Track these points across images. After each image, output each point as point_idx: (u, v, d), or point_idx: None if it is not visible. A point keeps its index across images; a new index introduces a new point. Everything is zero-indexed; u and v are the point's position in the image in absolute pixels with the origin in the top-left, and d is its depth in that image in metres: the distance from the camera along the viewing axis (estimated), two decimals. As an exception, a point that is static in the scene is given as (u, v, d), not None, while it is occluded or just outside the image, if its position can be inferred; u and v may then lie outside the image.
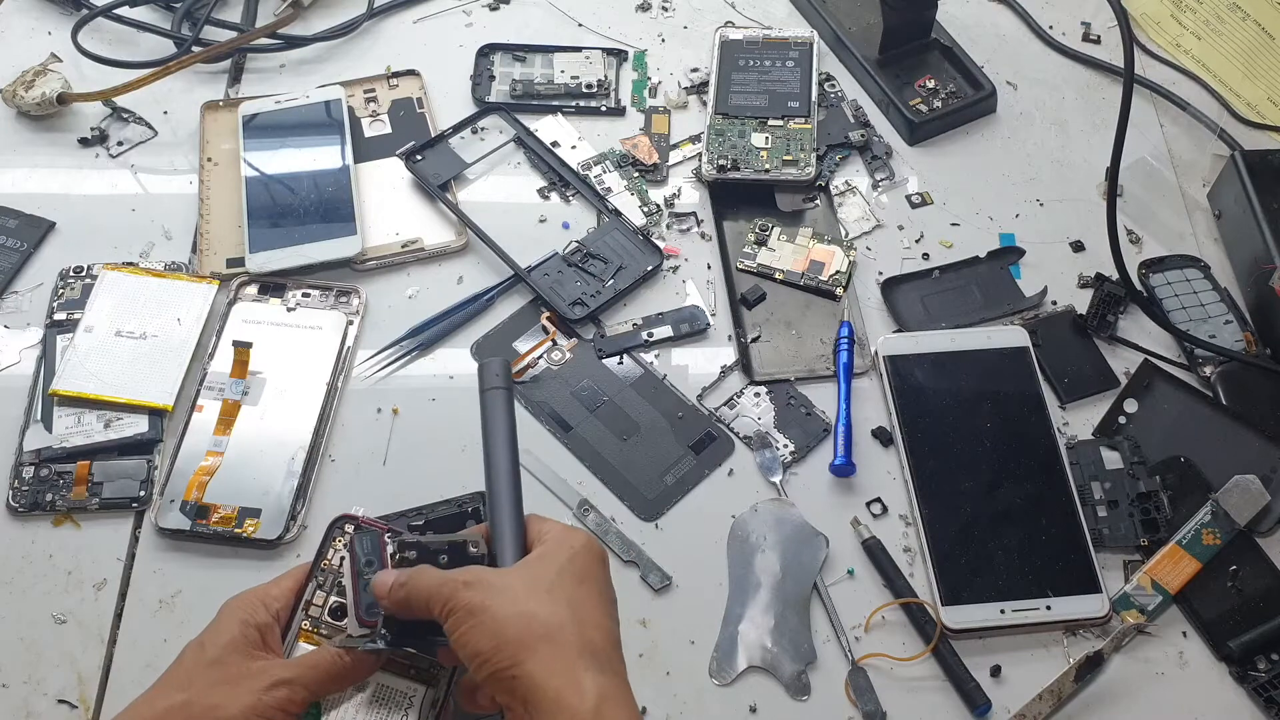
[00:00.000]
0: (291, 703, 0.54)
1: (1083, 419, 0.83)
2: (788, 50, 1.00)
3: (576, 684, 0.51)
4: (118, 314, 0.83)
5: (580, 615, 0.54)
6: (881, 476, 0.80)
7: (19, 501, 0.76)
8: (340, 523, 0.59)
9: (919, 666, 0.73)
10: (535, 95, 0.98)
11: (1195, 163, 0.97)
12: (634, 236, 0.90)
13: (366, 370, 0.84)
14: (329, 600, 0.58)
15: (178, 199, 0.91)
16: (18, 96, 0.93)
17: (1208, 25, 1.04)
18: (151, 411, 0.79)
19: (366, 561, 0.60)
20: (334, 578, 0.58)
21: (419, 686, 0.58)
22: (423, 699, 0.58)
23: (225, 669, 0.55)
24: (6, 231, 0.88)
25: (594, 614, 0.55)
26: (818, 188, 0.93)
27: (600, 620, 0.55)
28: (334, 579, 0.58)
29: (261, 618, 0.57)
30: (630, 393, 0.83)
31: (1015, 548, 0.76)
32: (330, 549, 0.59)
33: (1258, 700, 0.72)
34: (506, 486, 0.59)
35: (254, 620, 0.56)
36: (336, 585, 0.58)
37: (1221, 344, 0.85)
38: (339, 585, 0.58)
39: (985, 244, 0.91)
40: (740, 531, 0.77)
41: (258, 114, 0.94)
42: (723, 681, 0.72)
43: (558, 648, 0.52)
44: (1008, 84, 1.01)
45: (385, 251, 0.88)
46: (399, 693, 0.57)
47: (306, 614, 0.57)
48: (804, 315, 0.87)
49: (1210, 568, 0.75)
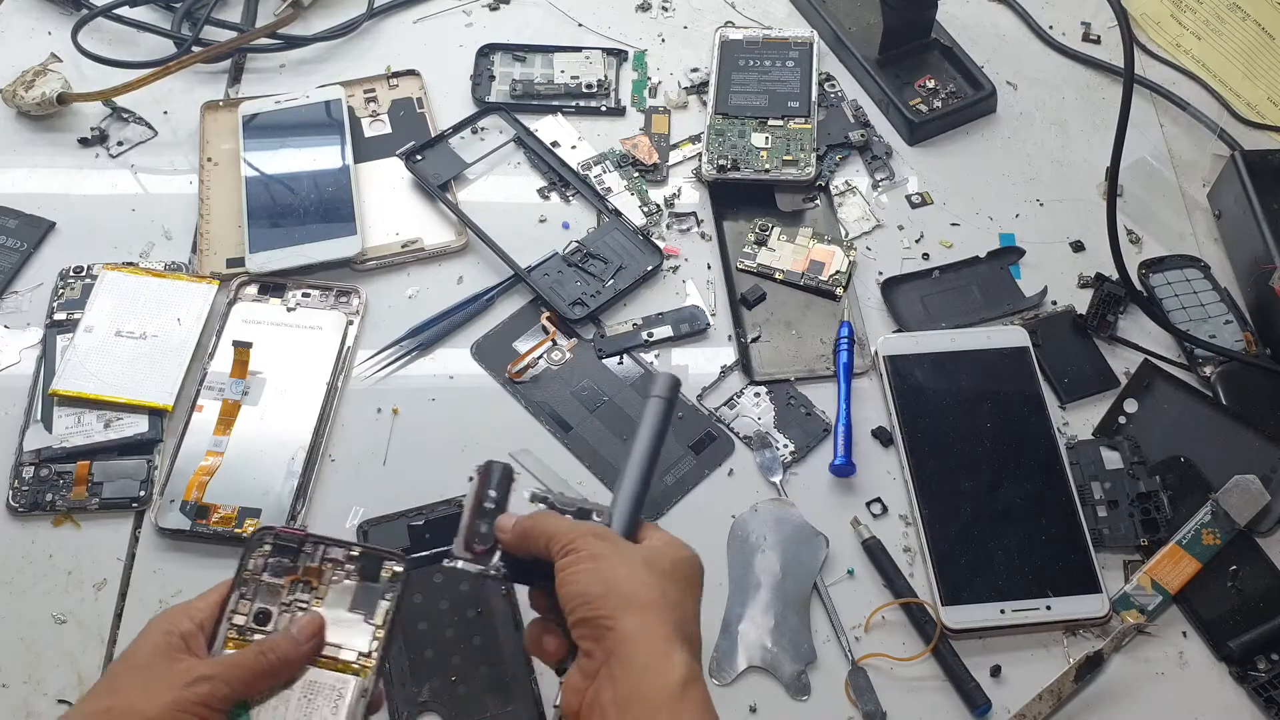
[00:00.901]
0: (213, 698, 0.54)
1: (1083, 419, 0.83)
2: (788, 50, 1.00)
3: (669, 656, 0.54)
4: (118, 314, 0.83)
5: (685, 604, 0.57)
6: (881, 476, 0.80)
7: (19, 501, 0.76)
8: (260, 534, 0.61)
9: (919, 666, 0.73)
10: (535, 95, 0.98)
11: (1195, 163, 0.97)
12: (634, 236, 0.90)
13: (366, 370, 0.84)
14: (253, 608, 0.59)
15: (178, 199, 0.91)
16: (18, 96, 0.93)
17: (1208, 25, 1.04)
18: (151, 411, 0.79)
19: (492, 500, 0.62)
20: (256, 587, 0.59)
21: (348, 678, 0.59)
22: (353, 690, 0.58)
23: (148, 672, 0.55)
24: (6, 231, 0.88)
25: (693, 611, 0.58)
26: (818, 188, 0.93)
27: (696, 619, 0.58)
28: (256, 588, 0.59)
29: (185, 627, 0.57)
30: (630, 393, 0.83)
31: (1015, 548, 0.76)
32: (251, 560, 0.60)
33: (1258, 700, 0.72)
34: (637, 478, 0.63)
35: (177, 629, 0.57)
36: (259, 593, 0.60)
37: (1221, 344, 0.85)
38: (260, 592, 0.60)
39: (985, 244, 0.91)
40: (740, 531, 0.77)
41: (258, 114, 0.94)
42: (723, 681, 0.72)
43: (661, 619, 0.55)
44: (1008, 84, 1.01)
45: (385, 251, 0.88)
46: (328, 686, 0.58)
47: (231, 623, 0.59)
48: (804, 315, 0.87)
49: (1210, 568, 0.75)
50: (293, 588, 0.60)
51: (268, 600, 0.59)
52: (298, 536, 0.61)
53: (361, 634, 0.59)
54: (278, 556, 0.60)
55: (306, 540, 0.61)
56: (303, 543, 0.61)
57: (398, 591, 0.60)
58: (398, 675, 0.70)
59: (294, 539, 0.61)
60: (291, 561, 0.60)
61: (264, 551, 0.60)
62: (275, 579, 0.60)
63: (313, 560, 0.60)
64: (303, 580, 0.60)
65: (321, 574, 0.60)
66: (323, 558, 0.61)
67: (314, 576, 0.60)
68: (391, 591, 0.60)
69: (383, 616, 0.60)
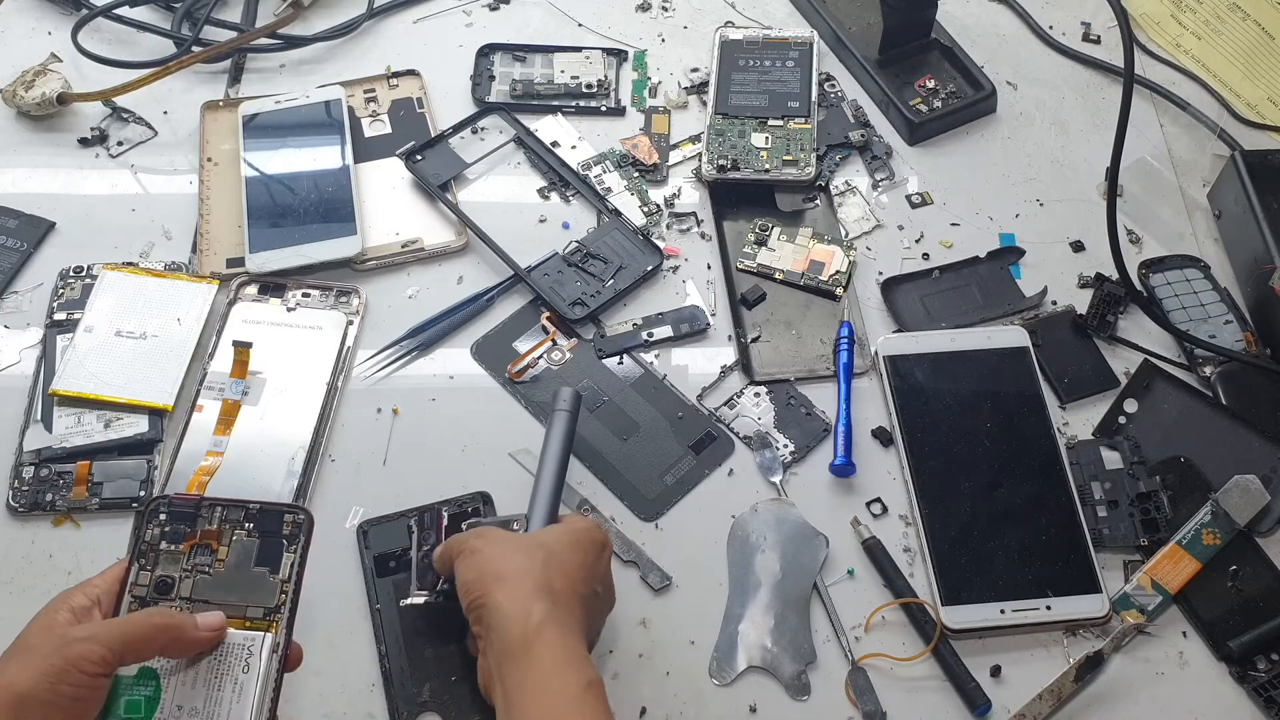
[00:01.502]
0: (85, 660, 0.53)
1: (1083, 419, 0.83)
2: (788, 50, 1.00)
3: (527, 606, 0.61)
4: (118, 314, 0.83)
5: (551, 564, 0.64)
6: (881, 476, 0.80)
7: (19, 501, 0.76)
8: (155, 504, 0.60)
9: (919, 666, 0.73)
10: (535, 95, 0.98)
11: (1195, 163, 0.97)
12: (634, 236, 0.90)
13: (366, 370, 0.84)
14: (154, 578, 0.58)
15: (178, 199, 0.91)
16: (18, 96, 0.93)
17: (1208, 25, 1.04)
18: (151, 411, 0.79)
19: (429, 542, 0.72)
20: (156, 556, 0.59)
21: (257, 634, 0.58)
22: (262, 645, 0.58)
23: (28, 650, 0.54)
24: (6, 231, 0.88)
25: (565, 567, 0.64)
26: (818, 188, 0.93)
27: (569, 574, 0.64)
28: (156, 557, 0.59)
29: (77, 602, 0.56)
30: (630, 393, 0.83)
31: (1015, 548, 0.76)
32: (148, 530, 0.59)
33: (1258, 700, 0.72)
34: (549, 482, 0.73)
35: (67, 605, 0.56)
36: (159, 562, 0.59)
37: (1221, 344, 0.85)
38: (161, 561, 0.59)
39: (985, 244, 0.91)
40: (740, 531, 0.77)
41: (258, 114, 0.94)
42: (723, 681, 0.72)
43: (522, 582, 0.62)
44: (1008, 84, 1.01)
45: (385, 251, 0.88)
46: (238, 645, 0.58)
47: (132, 595, 0.58)
48: (804, 315, 0.87)
49: (1210, 568, 0.75)
50: (193, 552, 0.59)
51: (168, 568, 0.59)
52: (194, 501, 0.60)
53: (269, 590, 0.59)
54: (174, 524, 0.59)
55: (202, 504, 0.60)
56: (199, 507, 0.60)
57: (300, 543, 0.60)
58: (397, 675, 0.70)
59: (190, 503, 0.60)
60: (189, 527, 0.59)
61: (160, 521, 0.59)
62: (174, 545, 0.59)
63: (211, 523, 0.60)
64: (201, 544, 0.59)
65: (220, 535, 0.60)
66: (221, 519, 0.60)
67: (213, 539, 0.60)
68: (294, 543, 0.60)
69: (287, 569, 0.59)
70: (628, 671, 0.72)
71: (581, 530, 0.67)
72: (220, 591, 0.59)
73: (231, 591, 0.59)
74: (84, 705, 0.54)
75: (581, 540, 0.66)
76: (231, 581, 0.59)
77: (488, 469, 0.79)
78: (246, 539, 0.60)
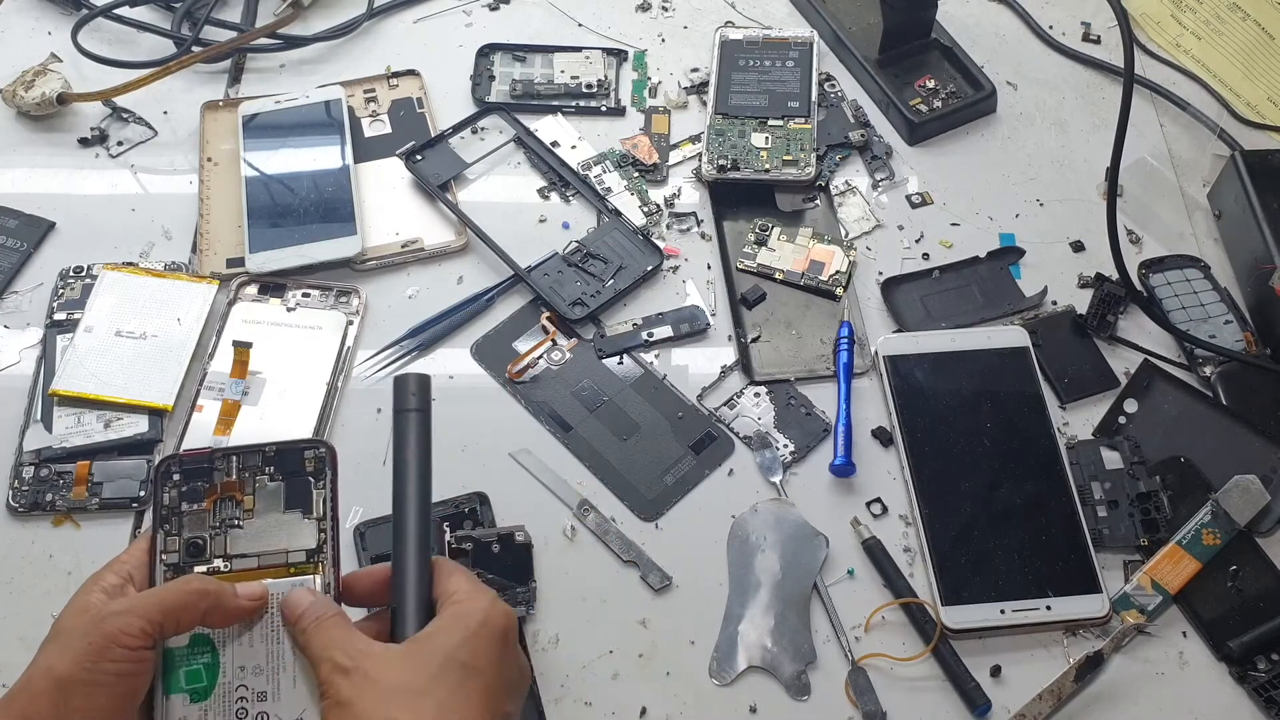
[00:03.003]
0: (124, 633, 0.50)
1: (1083, 419, 0.83)
2: (788, 50, 1.00)
3: None
4: (118, 314, 0.83)
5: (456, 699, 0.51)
6: (881, 476, 0.80)
7: (19, 501, 0.76)
8: (166, 465, 0.57)
9: (919, 666, 0.73)
10: (535, 95, 0.98)
11: (1195, 163, 0.97)
12: (634, 236, 0.90)
13: (366, 370, 0.84)
14: (183, 542, 0.55)
15: (178, 199, 0.91)
16: (18, 96, 0.93)
17: (1208, 25, 1.04)
18: (151, 411, 0.79)
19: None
20: (180, 520, 0.56)
21: (304, 579, 0.56)
22: (316, 588, 0.55)
23: (62, 632, 0.51)
24: (6, 231, 0.88)
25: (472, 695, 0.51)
26: (818, 188, 0.93)
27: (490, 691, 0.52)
28: (180, 521, 0.56)
29: (109, 581, 0.54)
30: (630, 393, 0.83)
31: (1015, 548, 0.76)
32: (165, 495, 0.56)
33: (1258, 700, 0.72)
34: (414, 535, 0.56)
35: (99, 585, 0.53)
36: (185, 525, 0.56)
37: (1221, 344, 0.85)
38: (187, 524, 0.56)
39: (985, 244, 0.91)
40: (740, 531, 0.77)
41: (258, 114, 0.94)
42: (723, 681, 0.72)
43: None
44: (1008, 84, 1.01)
45: (385, 251, 0.88)
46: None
47: (164, 563, 0.55)
48: (804, 315, 0.87)
49: (1210, 568, 0.75)
50: (217, 508, 0.56)
51: (195, 529, 0.56)
52: (205, 455, 0.57)
53: (305, 531, 0.56)
54: (191, 483, 0.56)
55: (215, 456, 0.57)
56: (212, 460, 0.57)
57: (328, 476, 0.57)
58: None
59: (202, 459, 0.57)
60: (207, 483, 0.56)
61: (175, 483, 0.56)
62: (195, 505, 0.56)
63: (229, 474, 0.57)
64: (225, 497, 0.56)
65: (243, 485, 0.57)
66: (239, 468, 0.57)
67: (235, 490, 0.57)
68: (321, 479, 0.57)
69: (321, 507, 0.57)
70: (628, 671, 0.72)
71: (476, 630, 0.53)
72: (255, 542, 0.56)
73: (267, 540, 0.56)
74: (130, 681, 0.51)
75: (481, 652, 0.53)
76: (264, 531, 0.56)
77: (488, 469, 0.79)
78: (270, 484, 0.57)
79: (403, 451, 0.57)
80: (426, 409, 0.58)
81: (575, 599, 0.75)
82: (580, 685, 0.72)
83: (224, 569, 0.56)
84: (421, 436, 0.58)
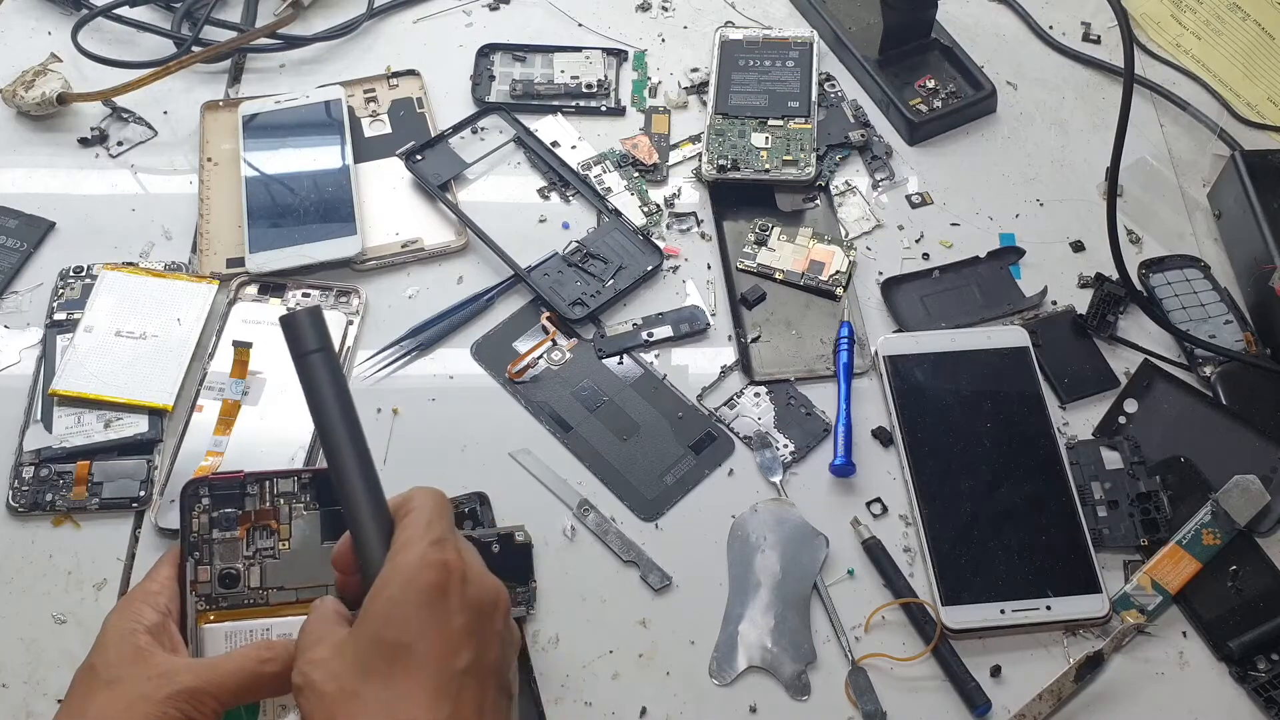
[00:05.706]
0: (199, 713, 0.48)
1: (1083, 419, 0.83)
2: (788, 50, 1.00)
3: None
4: (118, 314, 0.83)
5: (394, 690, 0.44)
6: (881, 476, 0.80)
7: (19, 501, 0.76)
8: (194, 488, 0.54)
9: (919, 666, 0.73)
10: (535, 95, 0.98)
11: (1195, 163, 0.97)
12: (634, 236, 0.90)
13: (366, 370, 0.84)
14: (215, 572, 0.52)
15: (178, 199, 0.91)
16: (18, 96, 0.93)
17: (1208, 25, 1.04)
18: (151, 411, 0.79)
19: None
20: (210, 548, 0.53)
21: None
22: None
23: (120, 689, 0.49)
24: (6, 231, 0.88)
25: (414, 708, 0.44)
26: (818, 188, 0.93)
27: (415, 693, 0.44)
28: (211, 549, 0.53)
29: (149, 619, 0.51)
30: (630, 393, 0.83)
31: (1015, 548, 0.76)
32: (193, 520, 0.53)
33: (1258, 700, 0.72)
34: (360, 489, 0.48)
35: (142, 624, 0.51)
36: (215, 554, 0.53)
37: (1221, 344, 0.85)
38: (218, 553, 0.53)
39: (985, 244, 0.91)
40: (740, 531, 0.77)
41: (258, 114, 0.94)
42: (723, 681, 0.72)
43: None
44: (1008, 84, 1.01)
45: (385, 251, 0.88)
46: None
47: (196, 594, 0.52)
48: (804, 315, 0.87)
49: (1210, 568, 0.75)
50: (250, 537, 0.53)
51: (228, 559, 0.53)
52: (235, 480, 0.54)
53: None
54: (222, 508, 0.54)
55: (246, 481, 0.54)
56: (244, 485, 0.54)
57: None
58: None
59: (232, 484, 0.54)
60: (239, 509, 0.53)
61: (204, 507, 0.54)
62: (227, 533, 0.53)
63: (262, 501, 0.54)
64: (258, 526, 0.53)
65: (277, 512, 0.54)
66: (272, 495, 0.54)
67: (270, 518, 0.54)
68: None
69: None
70: (628, 671, 0.72)
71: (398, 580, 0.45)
72: (293, 575, 0.53)
73: (304, 572, 0.53)
74: None
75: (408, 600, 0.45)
76: (302, 562, 0.53)
77: (488, 469, 0.79)
78: (306, 512, 0.54)
79: (318, 398, 0.49)
80: (328, 345, 0.50)
81: (575, 599, 0.75)
82: (580, 685, 0.72)
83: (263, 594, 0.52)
84: (333, 378, 0.50)
